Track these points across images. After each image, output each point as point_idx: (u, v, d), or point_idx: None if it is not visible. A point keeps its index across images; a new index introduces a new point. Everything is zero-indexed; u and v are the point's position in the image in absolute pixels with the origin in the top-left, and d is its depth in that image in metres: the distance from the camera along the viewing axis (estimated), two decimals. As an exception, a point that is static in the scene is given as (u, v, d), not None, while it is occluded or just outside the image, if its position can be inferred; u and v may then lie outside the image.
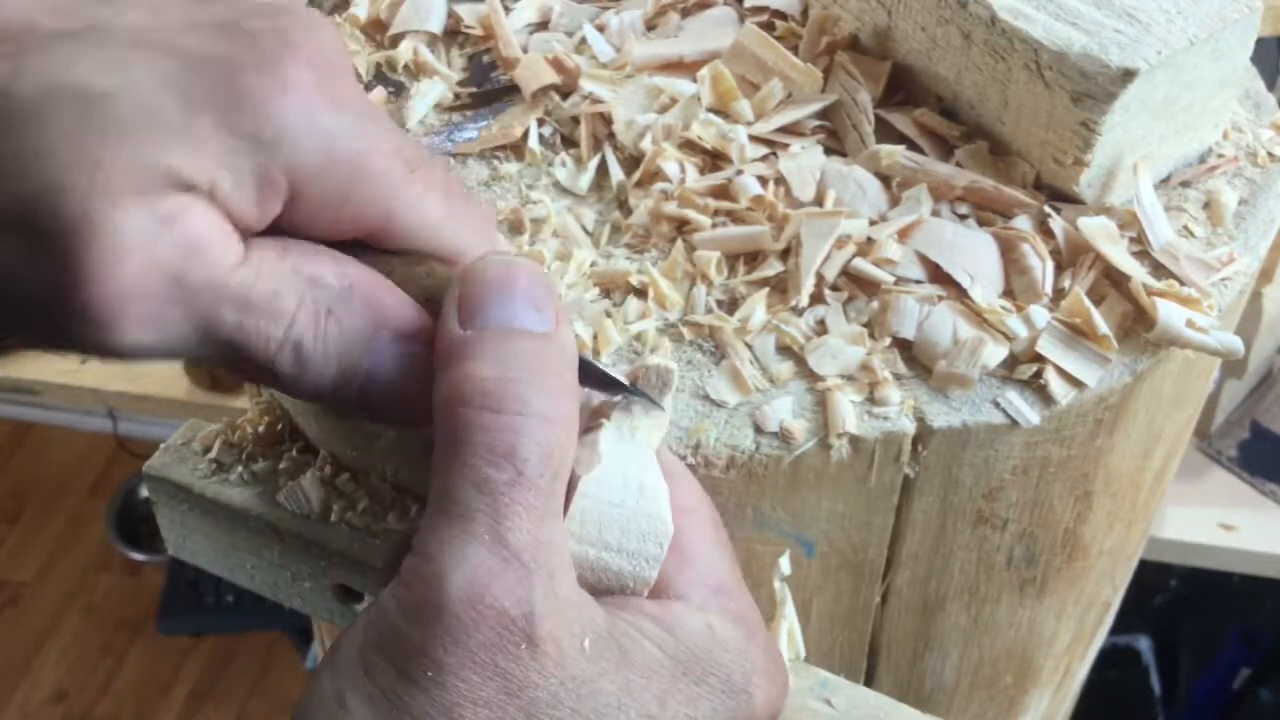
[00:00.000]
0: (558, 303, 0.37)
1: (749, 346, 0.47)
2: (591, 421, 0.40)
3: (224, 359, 0.36)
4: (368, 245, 0.38)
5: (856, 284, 0.48)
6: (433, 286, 0.38)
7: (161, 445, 0.53)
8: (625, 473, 0.38)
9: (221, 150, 0.33)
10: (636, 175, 0.53)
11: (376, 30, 0.62)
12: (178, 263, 0.33)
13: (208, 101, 0.33)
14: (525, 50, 0.59)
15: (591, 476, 0.38)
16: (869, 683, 0.56)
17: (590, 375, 0.39)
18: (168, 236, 0.33)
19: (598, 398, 0.41)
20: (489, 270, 0.37)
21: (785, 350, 0.47)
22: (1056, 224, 0.49)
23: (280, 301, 0.35)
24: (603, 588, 0.38)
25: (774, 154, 0.52)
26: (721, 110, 0.54)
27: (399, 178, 0.37)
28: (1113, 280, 0.48)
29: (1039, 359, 0.46)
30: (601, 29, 0.60)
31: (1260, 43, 0.52)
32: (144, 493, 2.20)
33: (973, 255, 0.48)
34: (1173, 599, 1.82)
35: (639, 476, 0.38)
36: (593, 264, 0.50)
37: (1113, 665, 1.77)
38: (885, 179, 0.51)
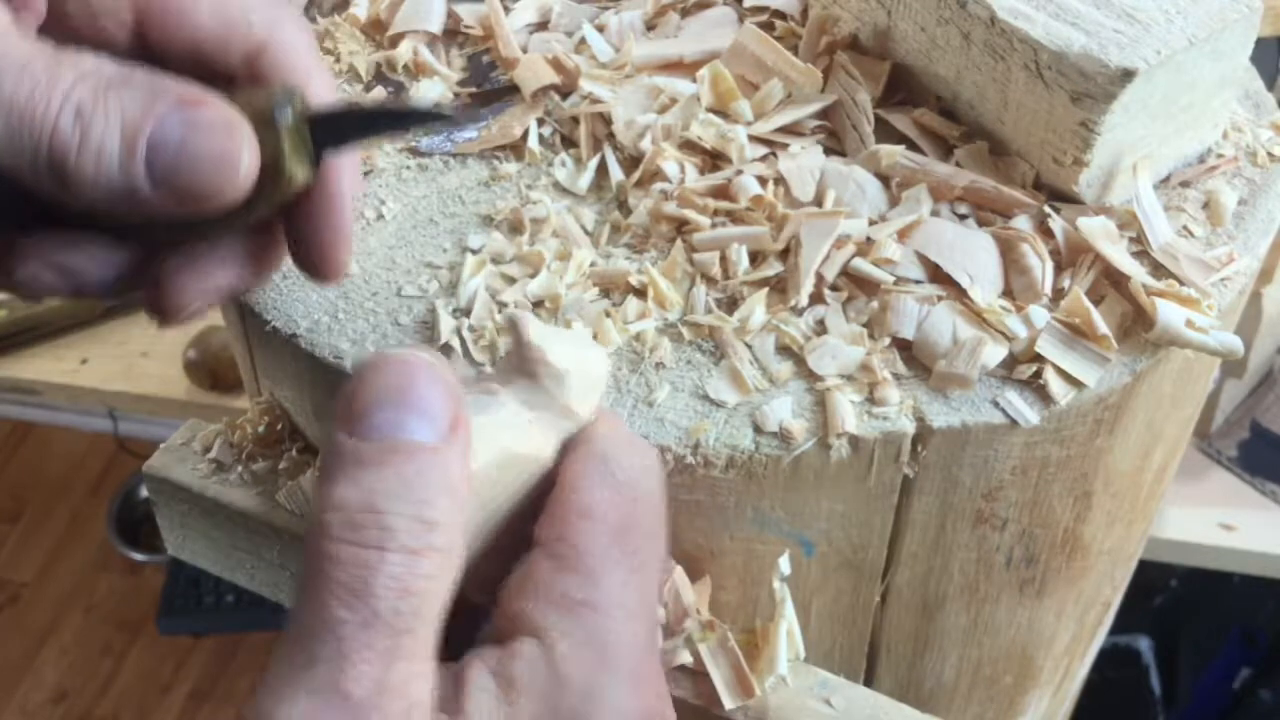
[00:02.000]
0: (457, 404, 0.35)
1: (749, 346, 0.47)
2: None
3: (6, 136, 0.34)
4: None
5: (856, 284, 0.48)
6: (255, 103, 0.37)
7: (161, 445, 0.53)
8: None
9: None
10: (636, 175, 0.53)
11: (376, 30, 0.62)
12: None
13: None
14: (525, 50, 0.59)
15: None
16: (869, 683, 0.56)
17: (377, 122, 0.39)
18: None
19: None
20: (381, 371, 0.35)
21: (785, 350, 0.47)
22: (1056, 224, 0.49)
23: (58, 70, 0.34)
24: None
25: (774, 154, 0.52)
26: (721, 110, 0.54)
27: None
28: (1112, 280, 0.48)
29: (1038, 359, 0.46)
30: (601, 29, 0.60)
31: (1260, 43, 0.52)
32: (144, 493, 2.20)
33: (972, 255, 0.48)
34: (1173, 599, 1.81)
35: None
36: (592, 264, 0.50)
37: (1113, 665, 1.77)
38: (885, 179, 0.51)
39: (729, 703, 0.47)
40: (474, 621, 0.40)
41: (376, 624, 0.32)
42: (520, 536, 0.38)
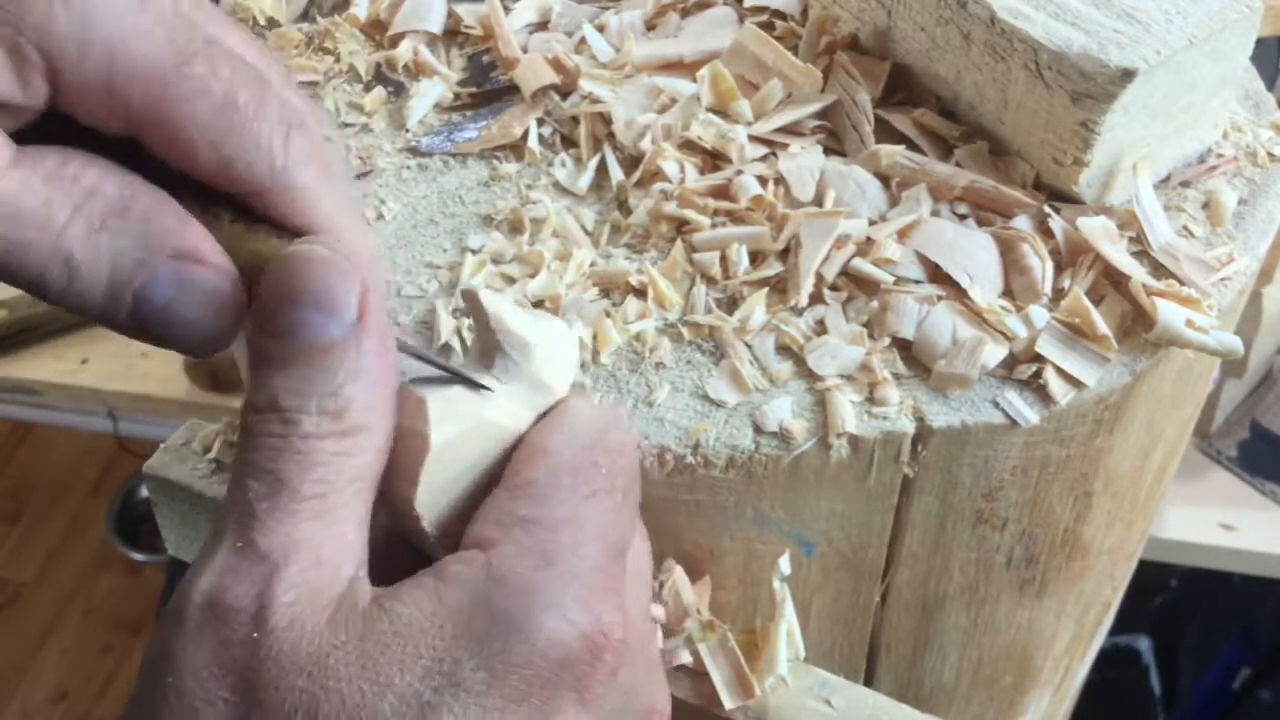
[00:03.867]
0: (361, 294, 0.36)
1: (749, 346, 0.47)
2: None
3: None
4: (215, 194, 0.37)
5: (856, 284, 0.48)
6: (259, 249, 0.37)
7: (161, 445, 0.53)
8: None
9: None
10: (636, 175, 0.53)
11: (376, 30, 0.62)
12: None
13: None
14: (525, 50, 0.59)
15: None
16: (869, 683, 0.56)
17: (408, 353, 0.39)
18: None
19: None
20: (282, 272, 0.36)
21: (785, 350, 0.47)
22: (1056, 224, 0.49)
23: (51, 210, 0.34)
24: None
25: (774, 154, 0.52)
26: (721, 110, 0.54)
27: (168, 65, 0.35)
28: (1112, 280, 0.48)
29: (1038, 359, 0.46)
30: (601, 29, 0.60)
31: (1260, 43, 0.52)
32: (144, 493, 2.20)
33: (972, 255, 0.48)
34: (1173, 599, 1.81)
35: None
36: (592, 264, 0.50)
37: (1113, 665, 1.77)
38: (885, 179, 0.51)
39: (729, 703, 0.47)
40: None
41: (283, 490, 0.34)
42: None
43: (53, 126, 0.35)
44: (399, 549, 0.40)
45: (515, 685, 0.34)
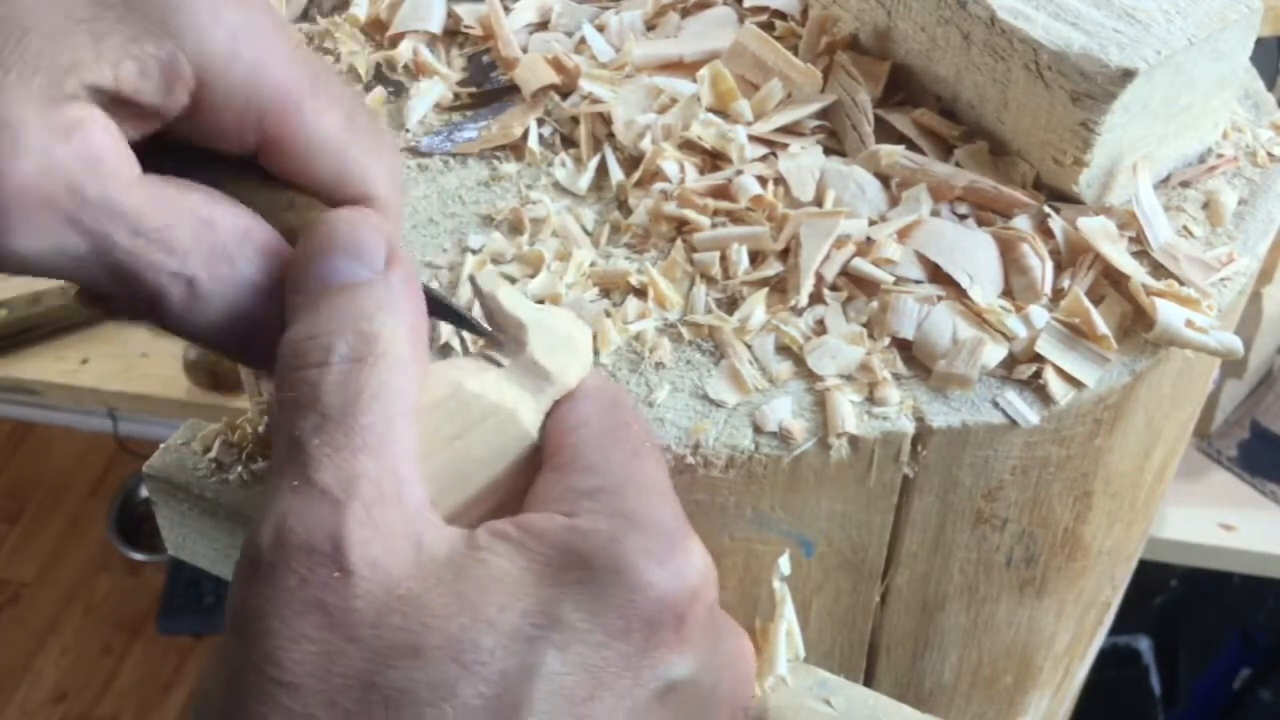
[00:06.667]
0: (388, 244, 0.37)
1: (748, 346, 0.47)
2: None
3: (114, 283, 0.36)
4: (238, 171, 0.38)
5: (856, 284, 0.48)
6: (295, 221, 0.39)
7: (161, 445, 0.53)
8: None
9: (127, 38, 0.34)
10: (636, 175, 0.53)
11: (376, 30, 0.62)
12: (75, 173, 0.34)
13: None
14: (525, 50, 0.59)
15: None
16: (868, 683, 0.56)
17: (439, 310, 0.40)
18: (66, 146, 0.33)
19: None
20: (310, 235, 0.37)
21: (785, 350, 0.47)
22: (1056, 224, 0.49)
23: (174, 234, 0.36)
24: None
25: (774, 154, 0.52)
26: (721, 110, 0.54)
27: (305, 85, 0.37)
28: (1112, 280, 0.48)
29: (1038, 359, 0.46)
30: (601, 29, 0.60)
31: (1260, 43, 0.52)
32: (144, 493, 2.20)
33: (972, 255, 0.48)
34: (1173, 599, 1.82)
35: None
36: (592, 264, 0.50)
37: (1113, 665, 1.77)
38: (885, 179, 0.51)
39: (729, 703, 0.47)
40: None
41: (328, 424, 0.34)
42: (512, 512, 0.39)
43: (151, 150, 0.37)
44: None
45: (616, 623, 0.35)
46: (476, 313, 0.43)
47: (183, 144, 0.38)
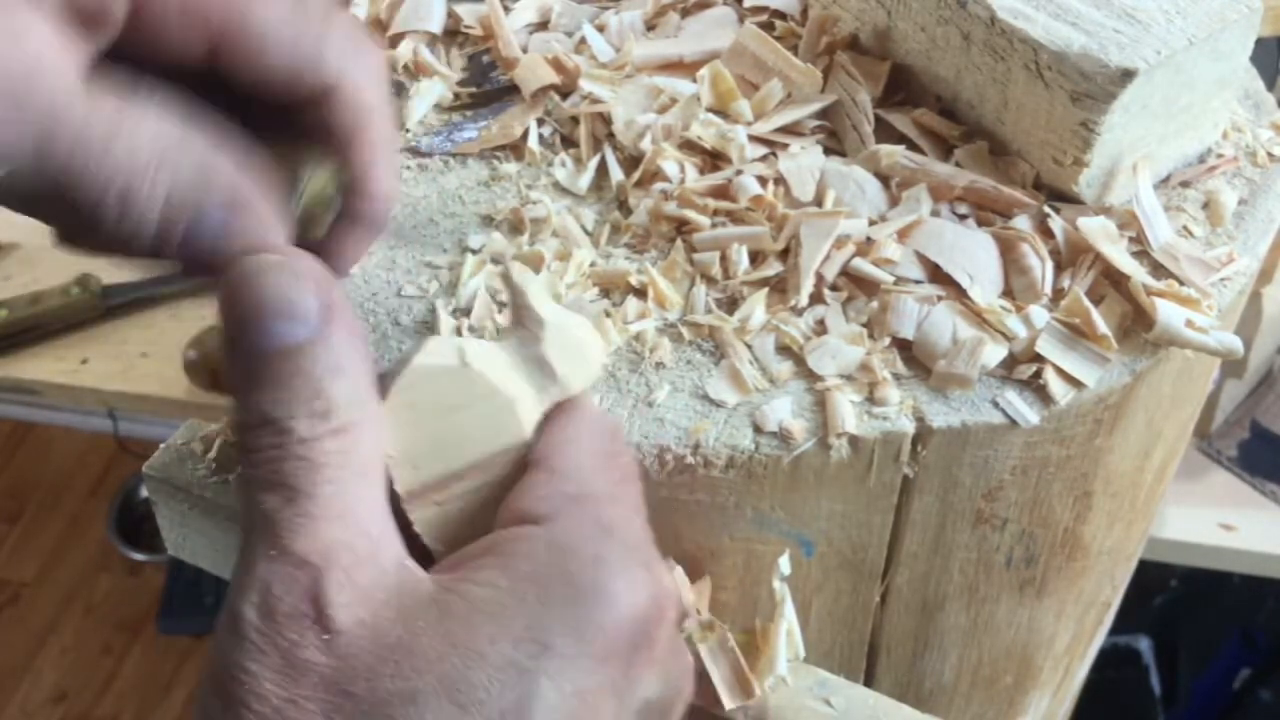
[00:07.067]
0: (318, 293, 0.36)
1: (749, 346, 0.47)
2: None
3: (53, 191, 0.35)
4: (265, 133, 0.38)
5: (856, 284, 0.48)
6: (313, 193, 0.39)
7: (161, 445, 0.53)
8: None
9: None
10: (636, 175, 0.53)
11: (376, 30, 0.62)
12: (18, 76, 0.33)
13: None
14: (525, 50, 0.59)
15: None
16: (869, 683, 0.56)
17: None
18: (13, 47, 0.33)
19: None
20: (237, 289, 0.36)
21: (785, 350, 0.47)
22: (1056, 224, 0.49)
23: (115, 142, 0.35)
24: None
25: (774, 154, 0.52)
26: (721, 110, 0.54)
27: None
28: (1112, 280, 0.48)
29: (1038, 359, 0.46)
30: (601, 29, 0.60)
31: (1260, 43, 0.52)
32: (144, 493, 2.20)
33: (972, 255, 0.48)
34: (1173, 599, 1.82)
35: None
36: (592, 264, 0.50)
37: (1113, 665, 1.77)
38: (885, 179, 0.51)
39: (729, 703, 0.47)
40: None
41: (298, 498, 0.35)
42: (489, 502, 0.40)
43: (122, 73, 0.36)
44: None
45: (601, 647, 0.36)
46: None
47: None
